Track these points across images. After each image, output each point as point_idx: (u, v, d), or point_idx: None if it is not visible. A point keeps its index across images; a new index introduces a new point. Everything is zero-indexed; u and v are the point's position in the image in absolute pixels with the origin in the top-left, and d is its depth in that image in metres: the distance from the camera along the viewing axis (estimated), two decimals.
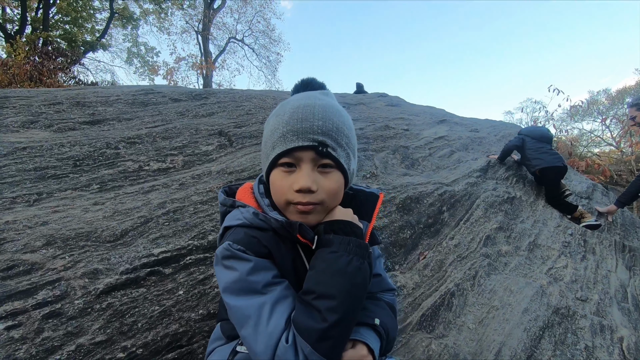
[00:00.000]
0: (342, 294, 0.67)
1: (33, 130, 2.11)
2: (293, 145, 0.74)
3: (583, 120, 16.68)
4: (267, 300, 0.70)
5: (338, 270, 0.70)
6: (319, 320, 0.65)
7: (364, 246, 0.75)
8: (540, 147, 3.63)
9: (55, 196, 1.60)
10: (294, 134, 0.74)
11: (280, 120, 0.77)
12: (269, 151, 0.79)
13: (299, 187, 0.73)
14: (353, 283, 0.69)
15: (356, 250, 0.72)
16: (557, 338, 1.74)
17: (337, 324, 0.65)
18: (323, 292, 0.68)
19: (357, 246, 0.73)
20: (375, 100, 5.72)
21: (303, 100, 0.79)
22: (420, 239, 2.23)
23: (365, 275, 0.72)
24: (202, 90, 3.64)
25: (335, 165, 0.78)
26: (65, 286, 1.16)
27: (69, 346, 1.02)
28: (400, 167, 2.97)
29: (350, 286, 0.69)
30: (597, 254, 2.80)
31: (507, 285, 2.03)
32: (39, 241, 1.30)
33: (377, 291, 0.99)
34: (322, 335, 0.64)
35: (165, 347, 1.12)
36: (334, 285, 0.68)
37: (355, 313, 0.70)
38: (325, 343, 0.64)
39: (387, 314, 0.90)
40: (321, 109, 0.77)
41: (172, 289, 1.27)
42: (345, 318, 0.67)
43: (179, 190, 1.81)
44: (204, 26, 17.39)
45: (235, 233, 0.78)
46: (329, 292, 0.68)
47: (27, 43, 9.78)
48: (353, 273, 0.70)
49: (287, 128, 0.75)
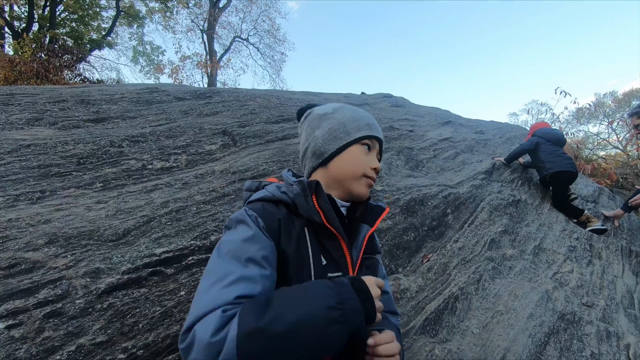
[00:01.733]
0: (300, 322, 0.60)
1: (38, 128, 2.11)
2: (376, 134, 0.96)
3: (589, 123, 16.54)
4: (238, 271, 0.68)
5: (318, 303, 0.63)
6: (261, 317, 0.59)
7: (360, 317, 0.66)
8: (555, 151, 3.56)
9: (58, 194, 1.59)
10: (375, 127, 0.97)
11: (359, 113, 0.98)
12: (353, 130, 0.94)
13: (376, 166, 0.94)
14: (319, 328, 0.61)
15: (350, 311, 0.64)
16: (562, 344, 1.71)
17: (276, 337, 0.58)
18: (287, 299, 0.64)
19: (353, 309, 0.65)
20: (380, 100, 5.69)
21: (362, 110, 1.03)
22: (424, 242, 2.21)
23: (341, 337, 0.63)
24: (206, 89, 3.64)
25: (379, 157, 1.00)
26: (67, 285, 1.16)
27: (69, 346, 1.01)
28: (405, 168, 2.95)
29: (313, 324, 0.60)
30: (604, 259, 2.76)
31: (512, 289, 2.00)
32: (41, 239, 1.29)
33: (385, 311, 0.99)
34: (253, 335, 0.57)
35: (166, 349, 1.11)
36: (299, 308, 0.62)
37: (302, 350, 0.59)
38: (250, 344, 0.57)
39: (397, 331, 0.92)
40: (374, 118, 1.03)
41: (174, 289, 1.26)
42: (288, 344, 0.58)
43: (182, 189, 1.80)
44: (209, 25, 17.40)
45: (253, 204, 0.85)
46: (290, 305, 0.62)
47: (34, 40, 9.84)
48: (327, 320, 0.61)
49: (369, 121, 0.97)
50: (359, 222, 0.93)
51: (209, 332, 0.58)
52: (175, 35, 17.70)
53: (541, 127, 3.90)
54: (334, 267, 0.83)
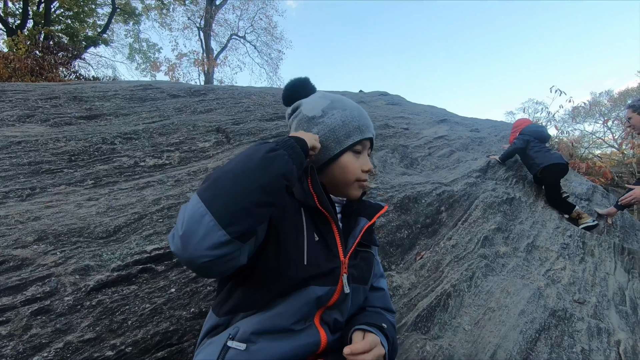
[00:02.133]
0: (241, 156, 0.74)
1: (29, 125, 2.10)
2: (367, 136, 0.98)
3: (585, 122, 16.62)
4: None
5: (252, 147, 0.77)
6: (208, 179, 0.72)
7: (291, 144, 0.81)
8: (543, 147, 3.65)
9: (48, 191, 1.58)
10: (365, 127, 0.99)
11: (350, 114, 0.99)
12: (343, 138, 0.97)
13: (368, 168, 0.98)
14: (251, 147, 0.77)
15: (282, 143, 0.80)
16: (553, 340, 1.72)
17: (217, 170, 0.72)
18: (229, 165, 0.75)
19: (284, 141, 0.81)
20: (375, 98, 5.69)
21: (351, 102, 1.04)
22: (417, 239, 2.22)
23: (264, 149, 0.75)
24: (201, 86, 3.62)
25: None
26: (56, 282, 1.15)
27: (57, 343, 1.01)
28: (399, 166, 2.95)
29: (251, 151, 0.75)
30: (596, 256, 2.78)
31: (504, 286, 2.01)
32: (30, 236, 1.28)
33: (379, 306, 1.04)
34: (207, 184, 0.70)
35: (155, 346, 1.10)
36: (241, 154, 0.76)
37: (240, 169, 0.71)
38: (203, 183, 0.71)
39: (391, 326, 0.96)
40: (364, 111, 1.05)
41: (164, 286, 1.26)
42: (228, 168, 0.71)
43: (175, 186, 1.79)
44: (206, 22, 17.31)
45: None
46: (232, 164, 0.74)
47: (29, 37, 9.75)
48: (263, 150, 0.75)
49: (359, 122, 0.98)
50: (358, 216, 1.01)
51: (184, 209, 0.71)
52: (171, 33, 17.62)
53: (525, 124, 3.97)
54: (325, 246, 0.88)
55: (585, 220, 3.18)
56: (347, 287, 0.87)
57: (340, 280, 0.87)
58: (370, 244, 1.01)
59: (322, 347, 0.82)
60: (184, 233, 0.64)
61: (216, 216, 0.64)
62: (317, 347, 0.82)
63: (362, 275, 0.94)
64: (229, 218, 0.65)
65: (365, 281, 0.96)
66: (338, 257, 0.88)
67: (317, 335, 0.83)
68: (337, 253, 0.89)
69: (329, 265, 0.85)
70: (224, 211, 0.65)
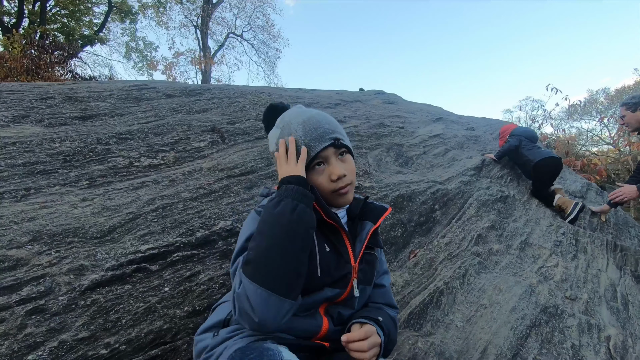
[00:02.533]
0: (261, 222, 0.82)
1: (24, 125, 2.10)
2: (319, 148, 0.93)
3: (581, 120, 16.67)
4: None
5: (264, 209, 0.85)
6: (249, 255, 0.79)
7: (291, 188, 0.85)
8: (534, 145, 3.72)
9: (43, 192, 1.59)
10: (316, 140, 0.94)
11: (295, 137, 0.95)
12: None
13: (336, 176, 0.93)
14: (271, 213, 0.82)
15: (282, 193, 0.85)
16: (543, 337, 1.75)
17: (255, 249, 0.78)
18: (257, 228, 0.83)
19: (284, 190, 0.85)
20: (371, 97, 5.70)
21: (303, 115, 1.00)
22: (411, 238, 2.24)
23: (287, 209, 0.81)
24: (196, 86, 3.63)
25: (347, 150, 0.99)
26: (50, 282, 1.16)
27: (51, 342, 1.02)
28: (394, 165, 2.97)
29: (266, 216, 0.82)
30: (589, 253, 2.81)
31: (497, 284, 2.04)
32: (25, 237, 1.29)
33: (381, 302, 1.08)
34: (246, 261, 0.78)
35: (149, 344, 1.12)
36: (259, 222, 0.83)
37: (276, 239, 0.78)
38: (248, 267, 0.76)
39: (389, 320, 0.99)
40: (321, 116, 1.00)
41: (158, 285, 1.27)
42: (263, 243, 0.78)
43: (169, 186, 1.81)
44: (203, 21, 17.27)
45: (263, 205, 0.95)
46: (258, 229, 0.82)
47: (24, 36, 9.71)
48: (271, 206, 0.83)
49: (307, 139, 0.94)
50: (363, 220, 1.03)
51: (236, 288, 0.76)
52: (168, 31, 17.59)
53: (512, 127, 4.10)
54: (336, 254, 0.93)
55: (568, 210, 3.23)
56: (356, 291, 0.94)
57: (351, 284, 0.94)
58: (375, 246, 1.04)
59: (322, 332, 0.90)
60: (261, 319, 0.73)
61: (279, 293, 0.74)
62: (318, 330, 0.89)
63: (367, 277, 0.99)
64: (286, 288, 0.76)
65: (370, 282, 1.01)
66: (349, 262, 0.94)
67: (320, 320, 0.90)
68: (349, 259, 0.94)
69: (341, 272, 0.92)
70: (280, 285, 0.75)
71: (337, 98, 4.84)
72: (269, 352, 0.69)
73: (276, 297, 0.73)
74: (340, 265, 0.92)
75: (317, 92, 5.23)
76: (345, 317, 0.95)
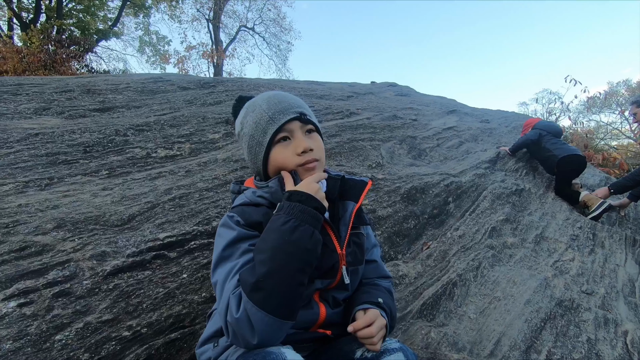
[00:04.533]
0: (272, 249, 0.74)
1: (45, 117, 2.16)
2: (283, 120, 0.90)
3: (601, 112, 16.19)
4: (237, 263, 0.80)
5: (274, 228, 0.77)
6: (253, 273, 0.73)
7: (309, 212, 0.79)
8: (558, 140, 3.64)
9: (65, 181, 1.64)
10: (280, 112, 0.91)
11: (260, 111, 0.93)
12: (261, 137, 0.93)
13: (302, 149, 0.89)
14: (286, 240, 0.74)
15: (297, 214, 0.78)
16: (558, 330, 1.74)
17: (267, 275, 0.71)
18: (259, 246, 0.78)
19: (300, 211, 0.78)
20: (384, 89, 5.66)
21: (267, 93, 0.99)
22: (424, 230, 2.23)
23: (305, 237, 0.76)
24: (210, 78, 3.66)
25: (315, 129, 0.97)
26: (75, 267, 1.21)
27: (77, 323, 1.06)
28: (407, 157, 2.96)
29: (282, 242, 0.74)
30: (606, 248, 2.76)
31: (511, 276, 2.02)
32: (49, 224, 1.34)
33: (374, 277, 1.07)
34: (254, 286, 0.71)
35: (168, 327, 1.16)
36: (267, 241, 0.76)
37: (289, 268, 0.73)
38: (258, 293, 0.71)
39: (388, 296, 0.98)
40: (287, 94, 0.99)
41: (177, 272, 1.31)
42: (276, 271, 0.72)
43: (185, 177, 1.84)
44: (215, 14, 17.30)
45: (235, 209, 0.92)
46: (262, 247, 0.76)
47: (42, 31, 9.91)
48: (287, 231, 0.75)
49: (271, 112, 0.92)
50: (345, 200, 0.99)
51: (233, 313, 0.71)
52: (180, 25, 17.64)
53: (536, 120, 3.99)
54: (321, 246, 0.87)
55: (592, 207, 3.16)
56: (347, 278, 0.92)
57: (340, 272, 0.91)
58: (360, 224, 1.00)
59: (322, 318, 0.89)
60: (260, 342, 0.70)
61: (285, 318, 0.72)
62: (317, 317, 0.89)
63: (357, 259, 0.96)
64: (294, 314, 0.74)
65: (361, 262, 0.98)
66: (335, 251, 0.91)
67: (317, 309, 0.89)
68: (334, 248, 0.91)
69: (329, 262, 0.89)
70: (289, 311, 0.73)
71: (350, 90, 4.82)
72: (272, 355, 0.68)
73: (281, 322, 0.71)
74: (326, 255, 0.88)
75: (329, 84, 5.21)
76: (340, 299, 0.93)
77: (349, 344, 0.86)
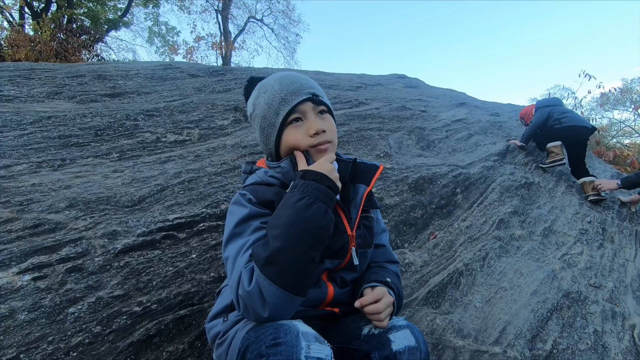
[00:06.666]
0: (286, 225, 0.74)
1: (57, 101, 2.19)
2: (296, 101, 0.89)
3: (614, 109, 15.85)
4: (249, 239, 0.80)
5: (288, 204, 0.77)
6: (267, 248, 0.73)
7: (324, 191, 0.79)
8: (565, 110, 3.61)
9: (77, 162, 1.67)
10: (292, 93, 0.90)
11: (272, 92, 0.92)
12: (273, 119, 0.92)
13: (314, 130, 0.89)
14: (301, 216, 0.75)
15: (312, 192, 0.78)
16: (565, 321, 1.73)
17: (280, 250, 0.72)
18: (272, 222, 0.78)
19: (314, 189, 0.79)
20: (393, 81, 5.61)
21: (279, 74, 0.97)
22: (431, 219, 2.23)
23: (319, 214, 0.76)
24: (219, 67, 3.67)
25: (327, 110, 0.96)
26: (87, 245, 1.23)
27: (89, 298, 1.09)
28: (415, 148, 2.94)
29: (296, 219, 0.74)
30: (616, 243, 2.72)
31: (518, 268, 2.01)
32: (62, 203, 1.37)
33: (382, 261, 1.07)
34: (267, 261, 0.71)
35: (177, 305, 1.18)
36: (281, 217, 0.76)
37: (302, 244, 0.73)
38: (271, 268, 0.71)
39: (395, 278, 0.99)
40: (299, 75, 0.97)
41: (186, 252, 1.33)
42: (289, 246, 0.72)
43: (194, 161, 1.86)
44: (224, 5, 17.23)
45: (247, 187, 0.93)
46: (276, 223, 0.76)
47: (53, 20, 9.98)
48: (302, 208, 0.75)
49: (283, 93, 0.91)
50: (356, 183, 0.99)
51: (245, 286, 0.72)
52: (190, 16, 17.60)
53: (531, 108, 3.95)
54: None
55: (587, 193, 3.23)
56: (355, 259, 0.92)
57: (349, 253, 0.92)
58: (370, 208, 1.01)
59: (329, 297, 0.90)
60: (271, 316, 0.71)
61: (297, 293, 0.73)
62: (325, 297, 0.89)
63: (366, 242, 0.97)
64: (305, 289, 0.75)
65: (370, 245, 0.99)
66: (346, 232, 0.91)
67: (325, 288, 0.90)
68: (345, 229, 0.92)
69: (339, 243, 0.89)
70: (300, 287, 0.74)
71: (358, 81, 4.79)
72: (284, 327, 0.69)
73: (292, 297, 0.72)
74: (336, 236, 0.88)
75: (338, 75, 5.18)
76: (349, 280, 0.94)
77: (356, 321, 0.87)
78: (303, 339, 0.67)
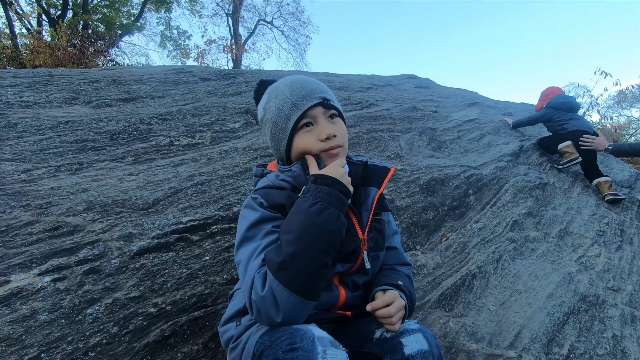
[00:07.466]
0: (299, 230, 0.74)
1: (74, 106, 2.25)
2: (307, 106, 0.89)
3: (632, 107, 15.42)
4: (261, 243, 0.80)
5: (301, 210, 0.78)
6: (280, 253, 0.74)
7: (336, 196, 0.80)
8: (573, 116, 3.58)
9: (94, 166, 1.71)
10: (302, 98, 0.90)
11: (282, 97, 0.92)
12: (284, 124, 0.92)
13: (325, 135, 0.89)
14: (313, 222, 0.75)
15: (324, 197, 0.78)
16: (582, 325, 1.69)
17: (293, 255, 0.72)
18: (285, 227, 0.78)
19: (327, 194, 0.79)
20: (404, 81, 5.58)
21: (290, 78, 0.97)
22: (443, 221, 2.21)
23: (331, 219, 0.77)
24: (230, 70, 3.71)
25: (338, 114, 0.96)
26: (104, 247, 1.26)
27: (106, 299, 1.12)
28: (427, 149, 2.92)
29: (309, 223, 0.75)
30: (635, 245, 2.65)
31: (533, 270, 1.98)
32: (80, 206, 1.41)
33: (394, 263, 1.07)
34: (281, 266, 0.72)
35: (192, 306, 1.20)
36: (294, 222, 0.76)
37: (316, 249, 0.74)
38: (284, 273, 0.71)
39: (407, 281, 0.99)
40: (309, 79, 0.97)
41: (199, 254, 1.35)
42: (302, 251, 0.73)
43: (207, 164, 1.88)
44: (235, 8, 17.42)
45: (258, 191, 0.93)
46: (289, 228, 0.77)
47: (69, 27, 10.25)
48: (315, 213, 0.76)
49: (294, 98, 0.91)
50: (367, 185, 0.99)
51: (258, 291, 0.73)
52: (201, 20, 17.84)
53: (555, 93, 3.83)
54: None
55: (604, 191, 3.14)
56: (367, 263, 0.92)
57: (361, 257, 0.92)
58: (382, 211, 1.01)
59: (341, 301, 0.89)
60: (284, 320, 0.72)
61: (309, 298, 0.73)
62: (337, 300, 0.89)
63: (378, 245, 0.97)
64: (317, 294, 0.76)
65: (381, 248, 0.99)
66: (357, 236, 0.91)
67: (337, 292, 0.89)
68: (356, 232, 0.92)
69: (350, 247, 0.89)
70: (313, 292, 0.74)
71: (369, 82, 4.78)
72: (300, 332, 0.69)
73: (306, 301, 0.73)
74: (348, 240, 0.88)
75: (348, 76, 5.18)
76: (360, 283, 0.94)
77: (368, 325, 0.87)
78: (319, 343, 0.67)
